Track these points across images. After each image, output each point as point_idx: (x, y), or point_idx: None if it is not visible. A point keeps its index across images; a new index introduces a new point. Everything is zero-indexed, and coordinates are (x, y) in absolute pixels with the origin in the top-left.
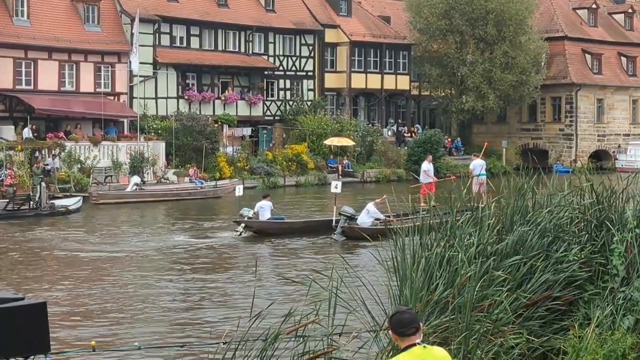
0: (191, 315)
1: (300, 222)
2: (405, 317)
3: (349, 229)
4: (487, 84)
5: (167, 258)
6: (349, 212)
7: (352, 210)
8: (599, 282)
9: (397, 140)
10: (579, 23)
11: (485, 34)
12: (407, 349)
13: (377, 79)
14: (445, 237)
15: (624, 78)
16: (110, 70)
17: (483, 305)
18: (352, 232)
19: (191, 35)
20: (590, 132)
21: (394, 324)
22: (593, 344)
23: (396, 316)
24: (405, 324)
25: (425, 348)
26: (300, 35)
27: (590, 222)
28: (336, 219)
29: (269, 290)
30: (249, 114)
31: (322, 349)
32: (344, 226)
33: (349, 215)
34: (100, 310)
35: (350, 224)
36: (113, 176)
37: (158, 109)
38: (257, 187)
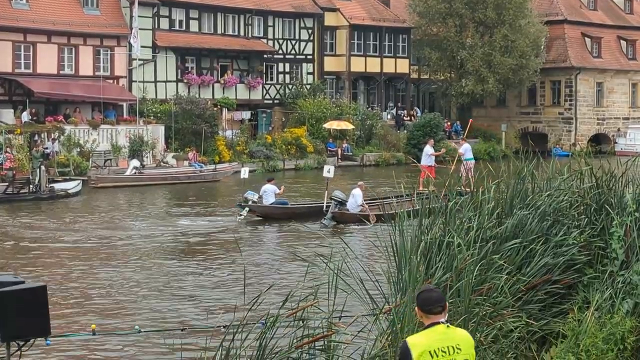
0: (191, 299)
1: (304, 206)
2: (433, 295)
3: (340, 214)
4: (487, 67)
5: (166, 242)
6: (339, 197)
7: (343, 195)
8: (598, 266)
9: (396, 123)
10: (578, 6)
11: (485, 18)
12: (431, 327)
13: (376, 62)
14: (445, 221)
15: (624, 61)
16: (110, 53)
17: (482, 288)
18: (343, 217)
19: (190, 18)
20: (590, 115)
21: (421, 302)
22: (592, 328)
23: (424, 294)
24: (432, 302)
25: (449, 327)
26: (300, 18)
27: (589, 206)
28: (327, 204)
29: (269, 274)
30: (248, 98)
31: (321, 333)
32: (334, 211)
33: (339, 200)
34: (101, 293)
35: (341, 209)
36: (112, 160)
37: (157, 93)
38: (256, 170)
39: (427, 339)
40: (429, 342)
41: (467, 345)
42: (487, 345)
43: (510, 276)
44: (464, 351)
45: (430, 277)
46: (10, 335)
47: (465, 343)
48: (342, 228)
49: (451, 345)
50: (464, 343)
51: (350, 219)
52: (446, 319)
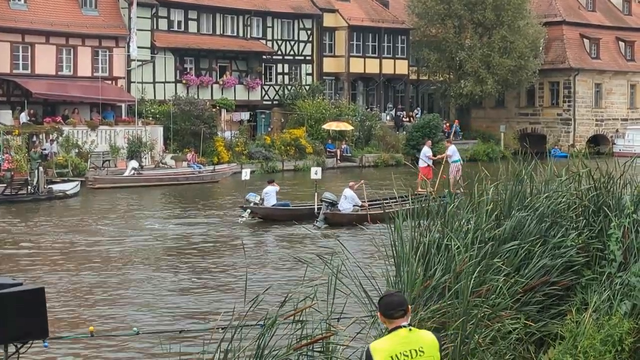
0: (189, 301)
1: (306, 208)
2: (394, 299)
3: (331, 215)
4: (486, 68)
5: (164, 243)
6: (330, 198)
7: (334, 197)
8: (596, 268)
9: (395, 124)
10: (577, 7)
11: (484, 19)
12: (394, 331)
13: (375, 63)
14: (443, 222)
15: (622, 63)
16: (108, 54)
17: (481, 290)
18: (335, 218)
19: (189, 19)
20: (588, 116)
21: (383, 307)
22: (590, 329)
23: (385, 299)
24: (394, 307)
25: (411, 331)
26: (299, 19)
27: (587, 208)
28: (318, 206)
29: (268, 275)
30: (247, 99)
31: (320, 334)
32: (326, 213)
33: (330, 202)
34: (98, 295)
35: (332, 210)
36: (111, 161)
37: (156, 94)
38: (255, 171)
39: (390, 344)
40: (391, 347)
41: (431, 347)
42: (485, 346)
43: (509, 278)
44: (427, 354)
45: (429, 278)
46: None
47: (428, 345)
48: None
49: (414, 348)
50: (427, 346)
51: (342, 219)
52: (409, 322)
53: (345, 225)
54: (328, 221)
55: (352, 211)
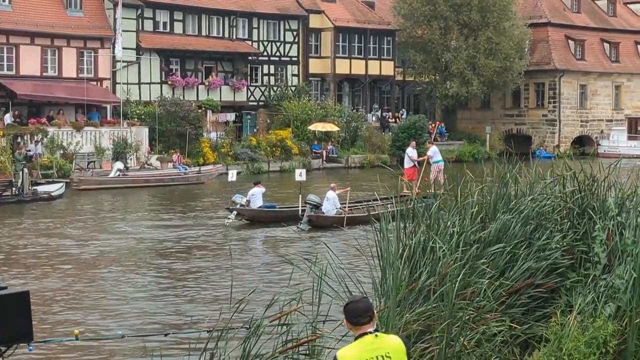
0: (175, 304)
1: (292, 209)
2: (359, 306)
3: (316, 217)
4: (471, 69)
5: (150, 245)
6: (314, 200)
7: (318, 199)
8: (580, 270)
9: (381, 125)
10: (562, 9)
11: (469, 20)
12: (360, 338)
13: (361, 64)
14: (429, 225)
15: (607, 64)
16: (93, 55)
17: (466, 293)
18: (319, 220)
19: (174, 20)
20: (573, 117)
21: (348, 313)
22: (575, 331)
23: (351, 305)
24: (360, 313)
25: (377, 337)
26: (285, 20)
27: (572, 210)
28: (302, 208)
29: (254, 278)
30: (232, 100)
31: (305, 337)
32: (310, 215)
33: (314, 204)
34: (84, 299)
35: (317, 213)
36: (96, 162)
37: (141, 95)
38: (241, 172)
39: (356, 351)
40: (358, 354)
41: (397, 352)
42: (470, 349)
43: (494, 280)
44: (394, 358)
45: (415, 281)
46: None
47: (395, 350)
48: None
49: (380, 354)
50: (393, 351)
51: (326, 222)
52: (374, 327)
53: (328, 227)
54: (312, 223)
55: (335, 214)
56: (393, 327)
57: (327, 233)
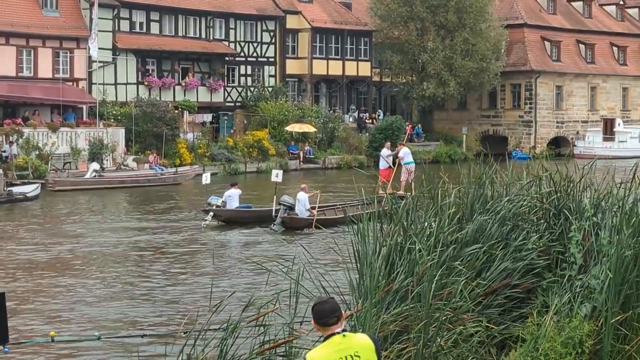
0: (152, 305)
1: (269, 210)
2: (326, 307)
3: (289, 219)
4: (448, 70)
5: (126, 247)
6: (288, 201)
7: (292, 200)
8: (557, 270)
9: (358, 126)
10: (538, 10)
11: (446, 21)
12: (328, 338)
13: (338, 65)
14: (406, 226)
15: (583, 65)
16: (69, 55)
17: (443, 293)
18: (292, 222)
19: (151, 20)
20: (549, 118)
21: (315, 315)
22: (551, 331)
23: (317, 306)
24: (327, 314)
25: (345, 337)
26: (262, 21)
27: (548, 211)
28: (276, 209)
29: (232, 279)
30: (209, 100)
31: (283, 338)
32: (283, 216)
33: (288, 205)
34: (59, 300)
35: (290, 214)
36: (72, 163)
37: (117, 95)
38: (218, 173)
39: (325, 352)
40: (327, 355)
41: (366, 351)
42: (447, 349)
43: (471, 281)
44: (363, 358)
45: (391, 282)
46: None
47: (363, 349)
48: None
49: (349, 354)
50: (362, 349)
51: (299, 223)
52: (342, 327)
53: (302, 229)
54: (285, 225)
55: (309, 215)
56: (370, 327)
57: (302, 234)
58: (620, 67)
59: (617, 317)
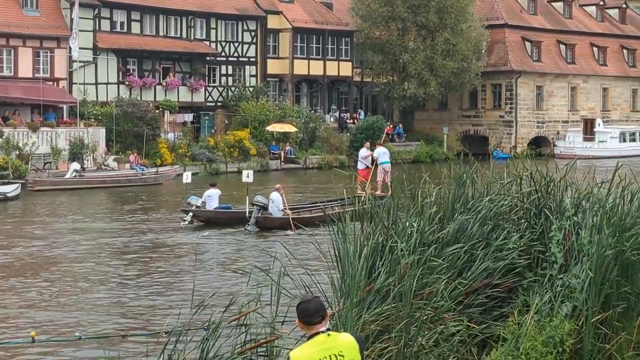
0: (133, 306)
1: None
2: (310, 306)
3: (263, 219)
4: (429, 70)
5: (107, 247)
6: (261, 202)
7: (265, 200)
8: (537, 270)
9: (339, 126)
10: (519, 11)
11: (427, 21)
12: (313, 337)
13: (319, 65)
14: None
15: (563, 65)
16: (50, 55)
17: (424, 293)
18: (266, 222)
19: (132, 20)
20: (530, 119)
21: (300, 313)
22: (532, 331)
23: (302, 305)
24: (311, 313)
25: (330, 336)
26: (243, 21)
27: (529, 210)
28: (249, 210)
29: (213, 280)
30: (190, 100)
31: (264, 338)
32: (257, 216)
33: (261, 205)
34: (40, 300)
35: (264, 214)
36: (52, 163)
37: (98, 95)
38: (199, 173)
39: (309, 351)
40: (311, 354)
41: (350, 350)
42: (428, 349)
43: (452, 280)
44: (347, 357)
45: (373, 281)
46: None
47: (347, 349)
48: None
49: (333, 353)
50: (346, 349)
51: (273, 223)
52: (327, 327)
53: (276, 229)
54: (259, 225)
55: (283, 215)
56: (351, 327)
57: (281, 234)
58: (600, 68)
59: (597, 316)
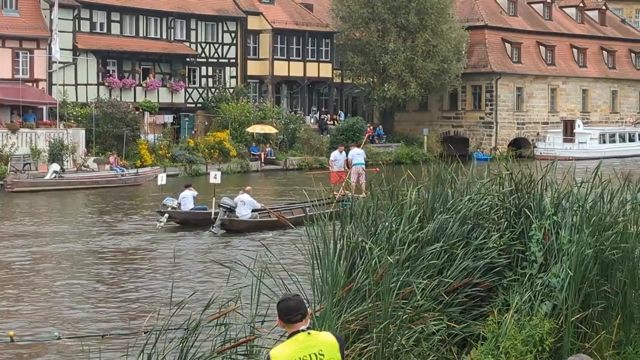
0: (111, 306)
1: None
2: (290, 304)
3: (229, 221)
4: (409, 72)
5: (85, 248)
6: (228, 204)
7: (232, 202)
8: (517, 269)
9: (319, 128)
10: (499, 12)
11: (407, 23)
12: (292, 336)
13: (299, 66)
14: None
15: (543, 67)
16: (29, 56)
17: (404, 292)
18: (232, 224)
19: (112, 21)
20: (510, 120)
21: (280, 311)
22: (512, 330)
23: (282, 303)
24: (291, 311)
25: (310, 334)
26: (223, 22)
27: (509, 210)
28: (215, 212)
29: (192, 280)
30: (170, 101)
31: (244, 337)
32: (223, 219)
33: (228, 207)
34: (18, 302)
35: (230, 217)
36: (32, 164)
37: (78, 96)
38: (179, 174)
39: (289, 350)
40: (290, 353)
41: (331, 349)
42: (408, 348)
43: (432, 280)
44: (327, 356)
45: (352, 281)
46: None
47: (327, 347)
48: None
49: (313, 352)
50: (326, 348)
51: (241, 226)
52: (307, 325)
53: (244, 231)
54: (225, 227)
55: (250, 217)
56: (331, 327)
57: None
58: (580, 69)
59: (577, 315)
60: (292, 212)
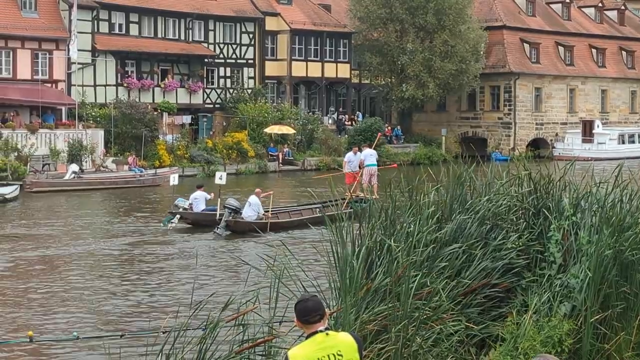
0: (130, 306)
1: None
2: (308, 304)
3: (234, 222)
4: (427, 72)
5: (104, 248)
6: (233, 205)
7: (237, 203)
8: (536, 270)
9: (337, 128)
10: (517, 12)
11: (425, 23)
12: (311, 336)
13: (317, 67)
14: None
15: (561, 67)
16: (48, 57)
17: (422, 292)
18: (237, 226)
19: (130, 22)
20: (529, 120)
21: (298, 312)
22: (530, 331)
23: (300, 304)
24: (309, 312)
25: (328, 335)
26: (241, 23)
27: (528, 210)
28: (220, 212)
29: (210, 280)
30: (188, 102)
31: (262, 337)
32: (228, 220)
33: (233, 208)
34: (38, 300)
35: (235, 218)
36: (51, 164)
37: (97, 97)
38: (197, 175)
39: (308, 350)
40: (309, 353)
41: (349, 349)
42: (427, 348)
43: (450, 280)
44: (345, 357)
45: (371, 281)
46: None
47: (346, 348)
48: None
49: (332, 352)
50: (345, 348)
51: (245, 227)
52: (326, 326)
53: (248, 232)
54: (230, 228)
55: (256, 218)
56: (349, 327)
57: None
58: (599, 69)
59: (596, 316)
60: (301, 213)
